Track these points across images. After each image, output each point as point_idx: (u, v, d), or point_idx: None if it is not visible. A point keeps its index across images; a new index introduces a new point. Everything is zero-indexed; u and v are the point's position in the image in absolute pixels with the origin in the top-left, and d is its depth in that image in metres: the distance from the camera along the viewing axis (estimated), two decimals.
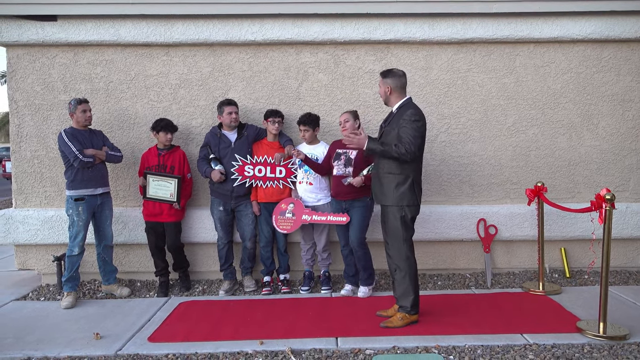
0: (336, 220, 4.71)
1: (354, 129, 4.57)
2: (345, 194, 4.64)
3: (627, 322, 3.98)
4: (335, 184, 4.74)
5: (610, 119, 5.32)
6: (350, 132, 4.03)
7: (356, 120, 4.69)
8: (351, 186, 4.56)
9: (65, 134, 4.61)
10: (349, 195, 4.63)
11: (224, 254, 5.06)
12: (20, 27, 5.06)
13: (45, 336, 3.98)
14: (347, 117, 4.66)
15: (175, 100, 5.27)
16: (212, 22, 5.09)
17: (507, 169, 5.35)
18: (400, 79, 3.97)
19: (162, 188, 4.91)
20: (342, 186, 4.64)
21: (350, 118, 4.65)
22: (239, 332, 3.95)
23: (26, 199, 5.31)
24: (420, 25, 5.12)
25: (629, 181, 5.38)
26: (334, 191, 4.77)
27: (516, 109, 5.30)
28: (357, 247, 4.61)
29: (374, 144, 3.90)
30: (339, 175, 4.67)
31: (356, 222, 4.61)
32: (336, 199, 4.76)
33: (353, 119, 4.65)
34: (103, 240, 4.91)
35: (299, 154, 4.69)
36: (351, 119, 4.64)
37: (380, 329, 3.93)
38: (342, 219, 4.68)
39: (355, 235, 4.60)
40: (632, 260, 5.41)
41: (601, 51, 5.25)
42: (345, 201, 4.68)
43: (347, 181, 4.57)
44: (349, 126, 4.59)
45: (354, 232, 4.63)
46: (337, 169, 4.69)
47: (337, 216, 4.71)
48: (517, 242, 5.36)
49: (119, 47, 5.20)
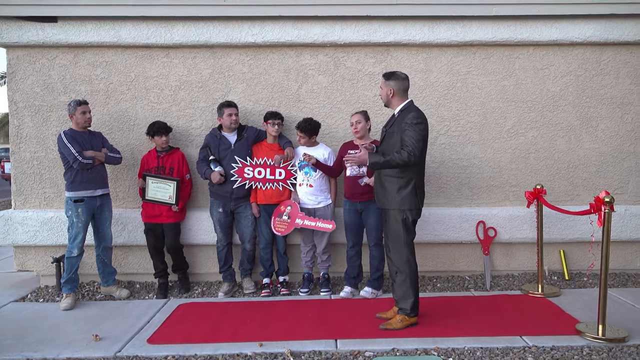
0: (323, 227, 4.75)
1: (365, 131, 4.61)
2: (361, 194, 4.64)
3: (625, 325, 3.99)
4: (350, 185, 4.73)
5: (609, 122, 5.34)
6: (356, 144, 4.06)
7: (367, 121, 4.69)
8: (367, 186, 4.56)
9: (64, 136, 4.61)
10: (365, 197, 4.63)
11: (223, 255, 5.06)
12: (21, 28, 5.06)
13: (45, 337, 3.98)
14: (359, 118, 4.65)
15: (175, 101, 5.27)
16: (212, 24, 5.09)
17: (506, 172, 5.36)
18: (404, 81, 3.98)
19: (161, 190, 4.91)
20: (357, 187, 4.64)
21: (362, 119, 4.65)
22: (238, 334, 3.95)
23: (25, 200, 5.31)
24: (420, 28, 5.13)
25: (628, 184, 5.39)
26: (348, 192, 4.76)
27: (515, 111, 5.31)
28: (374, 247, 4.69)
29: (375, 157, 3.89)
30: (353, 175, 4.67)
31: (375, 225, 4.64)
32: (350, 201, 4.75)
33: (365, 120, 4.66)
34: (102, 242, 4.91)
35: (310, 158, 4.69)
36: (363, 120, 4.65)
37: (380, 331, 3.93)
38: (328, 226, 4.73)
39: (373, 235, 4.66)
40: (630, 263, 5.42)
41: (600, 54, 5.27)
42: (360, 202, 4.69)
43: (363, 181, 4.58)
44: (360, 127, 4.61)
45: (371, 235, 4.68)
46: (351, 170, 4.67)
47: (325, 223, 4.75)
48: (516, 245, 5.37)
49: (119, 49, 5.21)
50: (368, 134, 4.73)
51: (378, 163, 3.88)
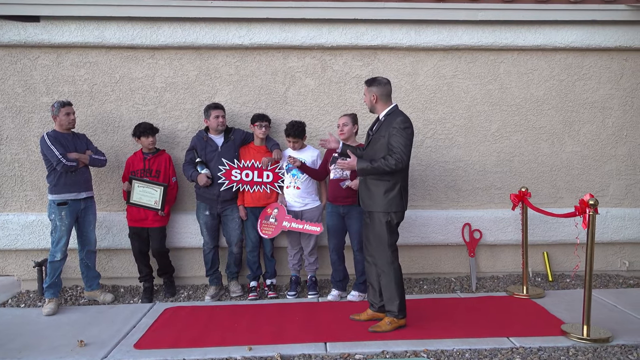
0: (311, 229, 4.75)
1: (351, 134, 4.60)
2: (344, 198, 4.63)
3: (609, 325, 4.06)
4: (333, 188, 4.72)
5: (591, 126, 5.44)
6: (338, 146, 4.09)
7: (355, 125, 4.67)
8: (350, 190, 4.55)
9: (47, 137, 4.52)
10: (348, 200, 4.61)
11: (209, 258, 5.02)
12: (1, 27, 4.95)
13: (28, 343, 3.90)
14: (346, 120, 4.64)
15: (161, 103, 5.21)
16: (199, 25, 5.05)
17: (491, 174, 5.42)
18: (386, 86, 3.99)
19: (146, 194, 4.85)
20: (340, 190, 4.62)
21: (349, 122, 4.63)
22: (226, 338, 3.92)
23: (6, 203, 5.19)
24: (407, 32, 5.16)
25: (609, 187, 5.50)
26: (332, 196, 4.75)
27: (500, 115, 5.38)
28: (358, 252, 4.65)
29: (363, 164, 3.89)
30: (336, 178, 4.66)
31: (357, 229, 4.62)
32: (333, 204, 4.74)
33: (352, 123, 4.64)
34: (86, 246, 4.82)
35: (295, 161, 4.68)
36: (350, 123, 4.63)
37: (369, 334, 3.93)
38: (316, 229, 4.74)
39: (357, 240, 4.64)
40: (611, 264, 5.53)
41: (582, 59, 5.37)
42: (343, 206, 4.67)
43: (345, 184, 4.56)
44: (347, 130, 4.59)
45: (355, 239, 4.67)
46: (334, 173, 4.67)
47: (312, 225, 4.76)
48: (501, 247, 5.44)
49: (103, 49, 5.13)
50: (354, 137, 4.73)
51: (366, 169, 3.90)
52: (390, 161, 3.78)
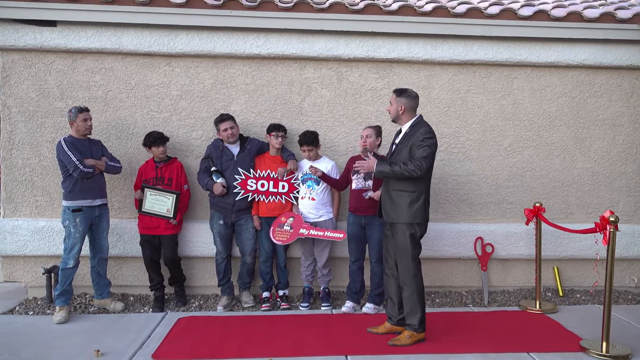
0: (333, 236, 4.71)
1: (374, 146, 4.59)
2: (365, 208, 4.62)
3: (625, 341, 4.08)
4: (354, 199, 4.71)
5: (602, 143, 5.50)
6: (365, 151, 4.07)
7: (378, 137, 4.66)
8: (372, 200, 4.54)
9: (65, 143, 4.47)
10: (369, 211, 4.60)
11: (222, 268, 4.97)
12: (18, 31, 4.91)
13: (42, 352, 3.82)
14: (369, 132, 4.62)
15: (176, 111, 5.19)
16: (216, 34, 5.05)
17: (503, 189, 5.45)
18: (415, 100, 4.02)
19: (159, 203, 4.81)
20: (362, 200, 4.61)
21: (373, 134, 4.61)
22: (244, 350, 3.88)
23: (15, 208, 5.12)
24: (423, 46, 5.20)
25: (619, 203, 5.55)
26: (353, 206, 4.74)
27: (513, 130, 5.42)
28: (376, 263, 4.62)
29: (382, 166, 3.92)
30: (358, 189, 4.66)
31: (377, 240, 4.60)
32: (355, 214, 4.73)
33: (375, 136, 4.63)
34: (98, 253, 4.76)
35: (316, 171, 4.68)
36: (374, 135, 4.62)
37: (389, 347, 3.91)
38: (339, 235, 4.70)
39: (376, 251, 4.62)
40: (620, 280, 5.56)
41: (594, 77, 5.44)
42: (364, 217, 4.66)
43: (367, 195, 4.56)
44: (370, 142, 4.59)
45: (374, 250, 4.64)
46: (357, 183, 4.67)
47: (335, 232, 4.71)
48: (512, 261, 5.45)
49: (119, 56, 5.10)
50: (377, 149, 4.73)
51: (384, 172, 3.91)
52: (409, 166, 3.80)
